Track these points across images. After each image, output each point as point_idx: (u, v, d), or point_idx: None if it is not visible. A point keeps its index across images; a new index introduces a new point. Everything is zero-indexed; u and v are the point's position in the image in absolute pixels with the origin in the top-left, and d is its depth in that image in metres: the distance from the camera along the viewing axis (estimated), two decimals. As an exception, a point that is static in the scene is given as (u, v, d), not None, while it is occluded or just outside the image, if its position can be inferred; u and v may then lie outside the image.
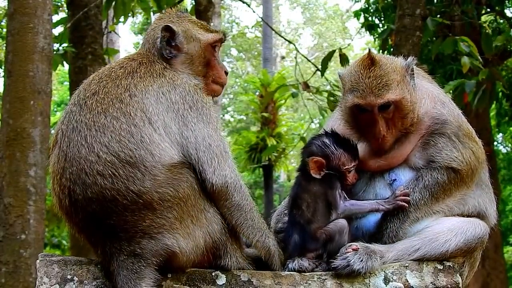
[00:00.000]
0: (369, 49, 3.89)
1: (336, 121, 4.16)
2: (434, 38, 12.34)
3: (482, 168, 4.02)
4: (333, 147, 3.81)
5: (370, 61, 3.80)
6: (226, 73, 3.89)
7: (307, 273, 3.62)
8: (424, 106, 3.91)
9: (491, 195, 4.10)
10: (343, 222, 3.71)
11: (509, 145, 27.47)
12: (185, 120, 3.45)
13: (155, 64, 3.64)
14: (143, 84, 3.49)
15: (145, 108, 3.40)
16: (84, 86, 3.56)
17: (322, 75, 10.30)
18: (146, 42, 3.80)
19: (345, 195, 3.76)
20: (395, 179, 3.90)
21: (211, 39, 3.82)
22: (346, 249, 3.64)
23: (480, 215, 3.98)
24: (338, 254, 3.63)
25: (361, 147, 3.92)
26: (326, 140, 3.84)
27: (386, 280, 3.66)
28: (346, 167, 3.79)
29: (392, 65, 3.84)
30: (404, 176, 3.90)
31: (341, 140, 3.85)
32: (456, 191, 3.88)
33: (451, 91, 9.13)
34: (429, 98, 3.96)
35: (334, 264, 3.60)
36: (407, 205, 3.74)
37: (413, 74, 3.93)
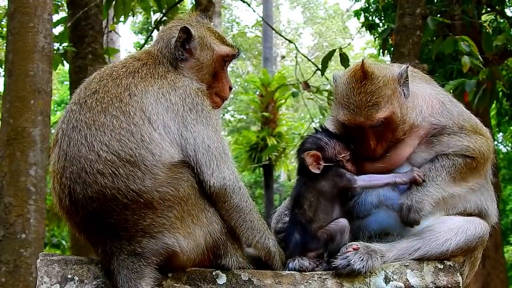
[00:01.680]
0: (363, 60, 3.82)
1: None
2: (435, 38, 12.34)
3: (491, 160, 4.01)
4: (325, 139, 3.83)
5: (362, 74, 3.76)
6: (230, 88, 3.89)
7: (308, 273, 3.62)
8: (421, 114, 3.90)
9: (492, 194, 4.09)
10: (344, 222, 3.70)
11: (510, 144, 27.47)
12: (184, 122, 3.44)
13: (159, 66, 3.64)
14: (144, 84, 3.48)
15: (144, 107, 3.39)
16: (85, 84, 3.56)
17: (322, 74, 10.30)
18: (160, 39, 3.78)
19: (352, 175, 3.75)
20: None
21: (224, 52, 3.81)
22: (346, 249, 3.64)
23: (482, 214, 3.97)
24: (338, 254, 3.63)
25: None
26: (317, 135, 3.88)
27: (387, 280, 3.65)
28: (342, 155, 3.79)
29: (384, 78, 3.79)
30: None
31: (332, 133, 3.88)
32: (471, 176, 3.88)
33: (451, 91, 9.13)
34: (426, 104, 3.94)
35: (334, 264, 3.60)
36: (421, 180, 3.71)
37: (407, 81, 3.89)
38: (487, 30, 12.16)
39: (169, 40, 3.73)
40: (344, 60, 9.93)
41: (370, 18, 16.52)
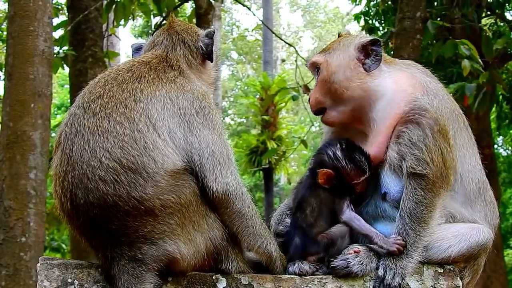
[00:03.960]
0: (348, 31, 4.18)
1: None
2: (435, 41, 12.35)
3: (452, 174, 3.79)
4: (344, 161, 3.76)
5: (338, 35, 4.12)
6: None
7: (308, 277, 3.62)
8: (405, 95, 3.79)
9: (488, 213, 3.98)
10: (345, 226, 3.70)
11: (510, 148, 27.48)
12: (190, 126, 3.42)
13: (171, 71, 3.60)
14: (150, 89, 3.44)
15: (149, 113, 3.35)
16: (89, 88, 3.51)
17: (322, 78, 10.28)
18: (180, 44, 3.79)
19: (352, 207, 3.74)
20: (386, 192, 3.84)
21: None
22: (348, 251, 3.64)
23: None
24: (339, 255, 3.63)
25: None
26: (338, 153, 3.78)
27: (387, 284, 3.64)
28: (355, 181, 3.76)
29: (348, 37, 4.04)
30: (392, 186, 3.79)
31: (353, 153, 3.78)
32: (435, 197, 3.70)
33: (451, 94, 9.14)
34: (413, 86, 3.83)
35: (333, 264, 3.60)
36: (397, 253, 3.61)
37: (377, 56, 3.88)
38: (487, 34, 12.19)
39: (195, 45, 3.81)
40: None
41: (370, 21, 16.52)
